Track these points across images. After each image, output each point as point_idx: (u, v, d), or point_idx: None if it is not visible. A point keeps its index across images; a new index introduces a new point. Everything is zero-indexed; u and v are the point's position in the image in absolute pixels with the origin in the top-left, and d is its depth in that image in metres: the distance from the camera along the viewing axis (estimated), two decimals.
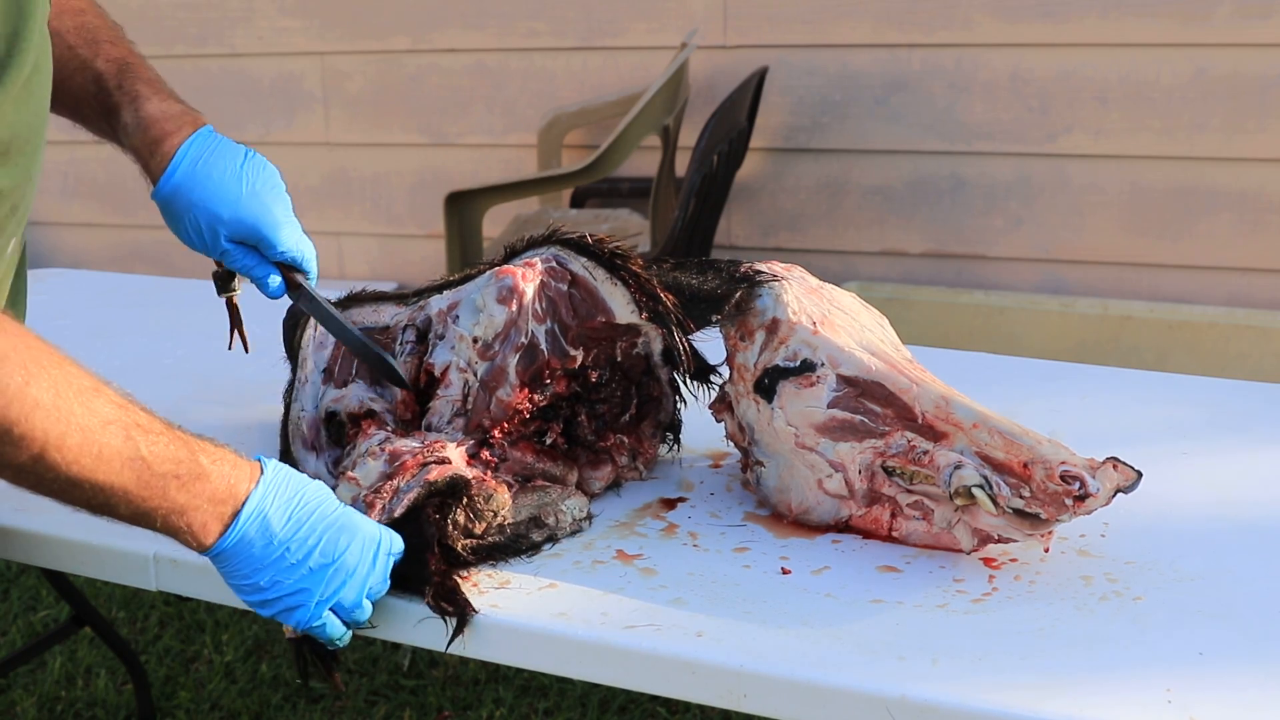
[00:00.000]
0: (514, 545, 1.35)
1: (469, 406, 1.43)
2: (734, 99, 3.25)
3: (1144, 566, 1.31)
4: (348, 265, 4.11)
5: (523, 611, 1.27)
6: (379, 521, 1.28)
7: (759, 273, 1.42)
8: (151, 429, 1.16)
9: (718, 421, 1.50)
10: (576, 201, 3.79)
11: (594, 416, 1.47)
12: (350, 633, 1.27)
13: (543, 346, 1.42)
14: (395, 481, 1.32)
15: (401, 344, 1.49)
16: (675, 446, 1.54)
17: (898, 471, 1.33)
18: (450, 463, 1.33)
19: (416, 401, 1.49)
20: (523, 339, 1.41)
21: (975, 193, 3.52)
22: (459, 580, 1.29)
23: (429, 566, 1.28)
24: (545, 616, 1.26)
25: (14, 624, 2.83)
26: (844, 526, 1.39)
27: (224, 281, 1.51)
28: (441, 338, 1.46)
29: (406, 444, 1.37)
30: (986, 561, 1.32)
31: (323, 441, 1.50)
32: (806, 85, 3.57)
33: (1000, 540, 1.30)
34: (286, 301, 1.51)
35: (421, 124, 3.97)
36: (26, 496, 1.50)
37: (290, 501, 1.22)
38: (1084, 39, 3.33)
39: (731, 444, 1.59)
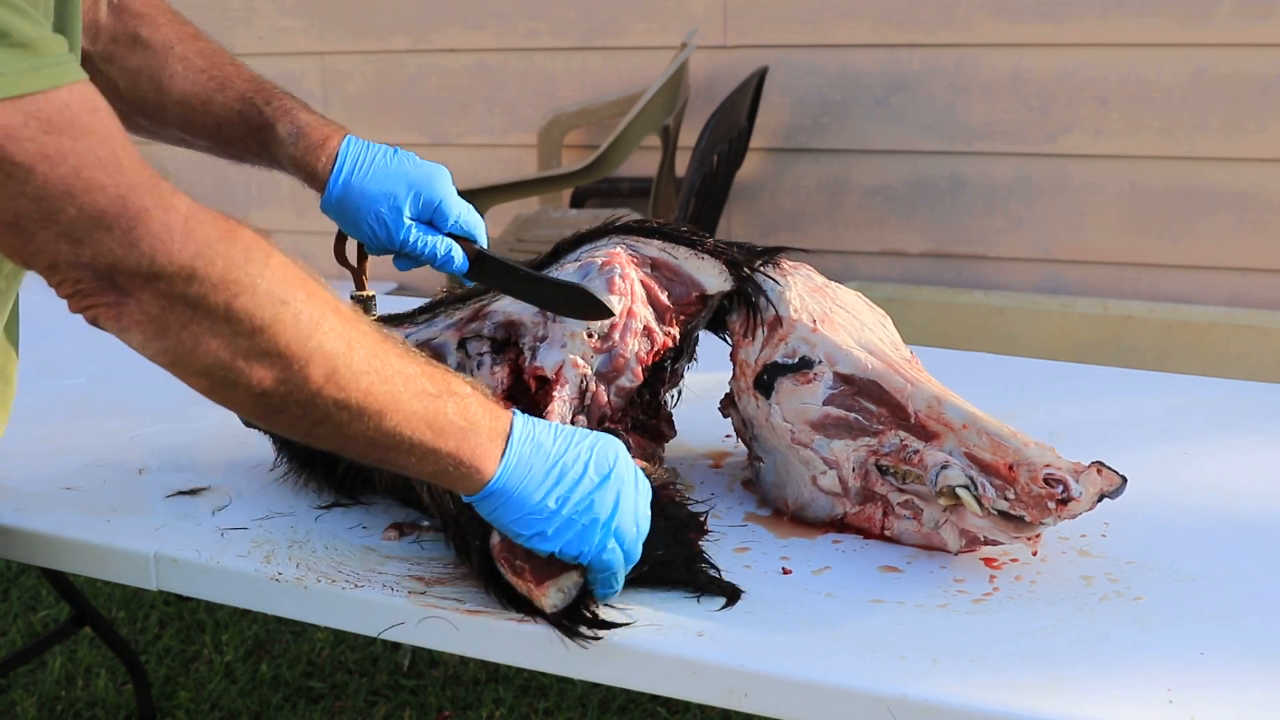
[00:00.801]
0: (697, 523, 1.35)
1: (586, 402, 1.43)
2: (734, 99, 3.25)
3: (1145, 566, 1.31)
4: None
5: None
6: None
7: (772, 249, 1.46)
8: (413, 351, 1.14)
9: (724, 417, 1.50)
10: (576, 201, 3.79)
11: (652, 395, 1.49)
12: (619, 587, 1.22)
13: (656, 328, 1.43)
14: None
15: (471, 357, 1.47)
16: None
17: (890, 470, 1.33)
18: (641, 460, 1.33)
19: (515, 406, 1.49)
20: (638, 324, 1.43)
21: (975, 193, 3.52)
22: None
23: (694, 546, 1.27)
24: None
25: (14, 624, 2.83)
26: (840, 524, 1.39)
27: (366, 308, 1.51)
28: (544, 339, 1.44)
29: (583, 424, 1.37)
30: (987, 562, 1.32)
31: None
32: (806, 85, 3.57)
33: (986, 542, 1.29)
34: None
35: (421, 124, 3.97)
36: (26, 496, 1.51)
37: (549, 426, 1.20)
38: (1084, 39, 3.33)
39: (734, 442, 1.60)
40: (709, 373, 1.54)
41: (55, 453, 1.62)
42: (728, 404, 1.49)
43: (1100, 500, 1.23)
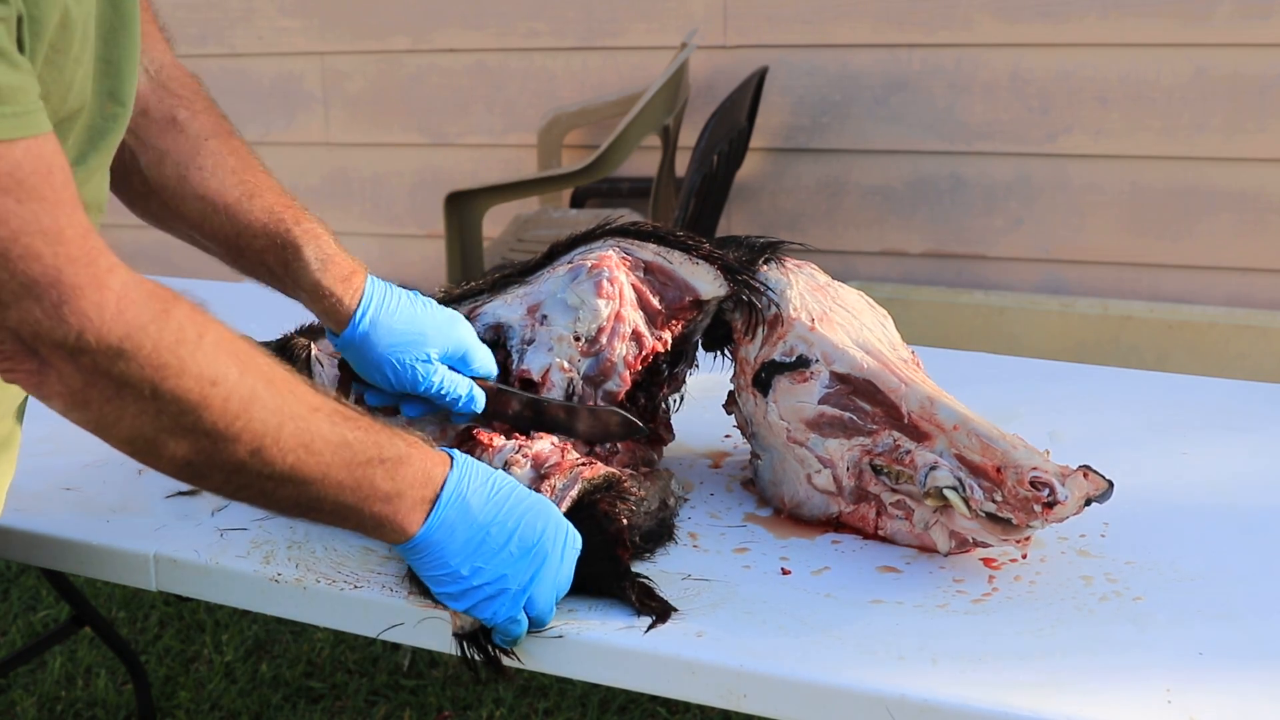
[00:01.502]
0: (661, 532, 1.35)
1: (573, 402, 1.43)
2: (734, 99, 3.25)
3: (1144, 566, 1.31)
4: None
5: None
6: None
7: (777, 242, 1.46)
8: (350, 415, 1.13)
9: (729, 414, 1.51)
10: (576, 201, 3.79)
11: (650, 399, 1.49)
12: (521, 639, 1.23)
13: (645, 333, 1.43)
14: (552, 481, 1.30)
15: None
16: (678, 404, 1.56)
17: (884, 470, 1.33)
18: (597, 465, 1.32)
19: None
20: (627, 328, 1.43)
21: (975, 193, 3.52)
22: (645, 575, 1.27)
23: (621, 563, 1.26)
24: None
25: (14, 624, 2.83)
26: (836, 523, 1.39)
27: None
28: (531, 342, 1.45)
29: (544, 448, 1.35)
30: (986, 562, 1.32)
31: None
32: (806, 85, 3.57)
33: (976, 544, 1.29)
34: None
35: (421, 124, 3.97)
36: (26, 496, 1.51)
37: (485, 485, 1.19)
38: (1084, 39, 3.33)
39: (733, 443, 1.60)
40: (708, 373, 1.54)
41: (55, 453, 1.62)
42: (731, 402, 1.50)
43: (1087, 504, 1.23)
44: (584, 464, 1.32)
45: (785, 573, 1.32)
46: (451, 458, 1.20)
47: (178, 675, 2.63)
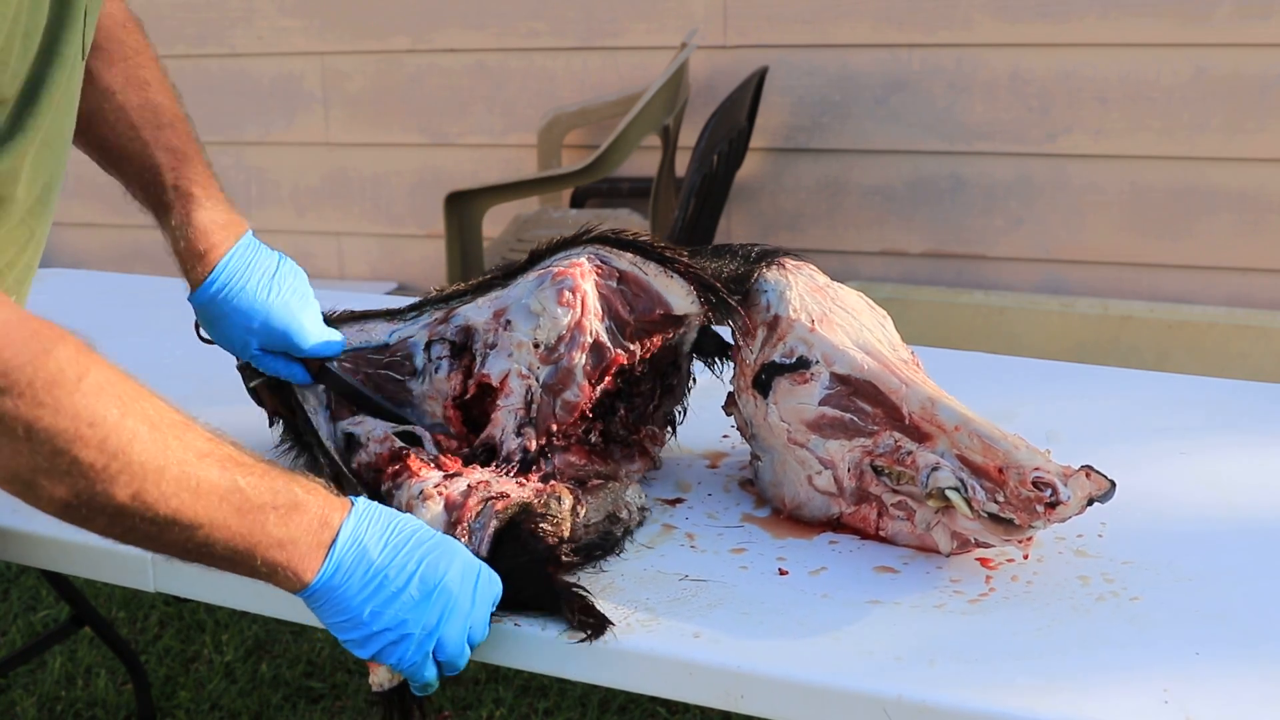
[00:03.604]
0: (605, 543, 1.34)
1: (533, 414, 1.42)
2: (734, 99, 3.25)
3: (1142, 567, 1.31)
4: (348, 265, 4.12)
5: (522, 613, 1.27)
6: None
7: (773, 250, 1.45)
8: (244, 461, 1.13)
9: (728, 416, 1.50)
10: (576, 201, 3.79)
11: (630, 410, 1.47)
12: (436, 679, 1.22)
13: (607, 344, 1.41)
14: (466, 524, 1.28)
15: (432, 360, 1.47)
16: (673, 435, 1.54)
17: (885, 471, 1.33)
18: (509, 495, 1.30)
19: (466, 418, 1.47)
20: (587, 338, 1.41)
21: (975, 193, 3.52)
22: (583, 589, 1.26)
23: (553, 581, 1.25)
24: (544, 617, 1.26)
25: (14, 624, 2.84)
26: (837, 524, 1.39)
27: (250, 373, 1.53)
28: (494, 346, 1.43)
29: (458, 487, 1.33)
30: (983, 562, 1.32)
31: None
32: (806, 85, 3.57)
33: (978, 544, 1.29)
34: None
35: (421, 124, 3.97)
36: None
37: (386, 528, 1.18)
38: (1084, 39, 3.33)
39: (731, 443, 1.60)
40: (706, 374, 1.54)
41: None
42: (730, 403, 1.49)
43: (1089, 504, 1.23)
44: (494, 497, 1.29)
45: (783, 573, 1.32)
46: (353, 503, 1.18)
47: (178, 675, 2.63)
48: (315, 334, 1.49)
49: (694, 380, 1.52)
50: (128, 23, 1.50)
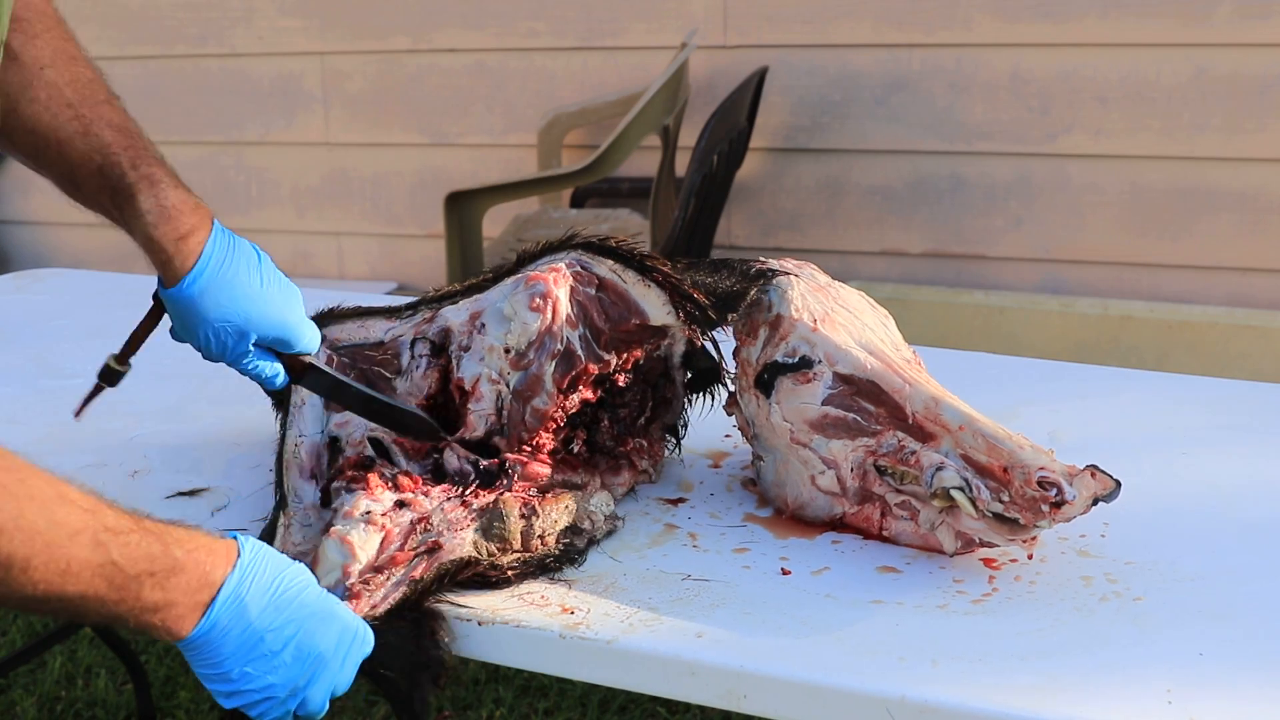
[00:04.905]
0: (565, 554, 1.33)
1: (504, 420, 1.41)
2: (734, 99, 3.25)
3: (1144, 567, 1.31)
4: (347, 265, 4.12)
5: (522, 613, 1.27)
6: (362, 615, 1.24)
7: (772, 270, 1.43)
8: (120, 529, 1.10)
9: (728, 415, 1.50)
10: (576, 201, 3.79)
11: (615, 421, 1.45)
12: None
13: (579, 352, 1.39)
14: (384, 575, 1.28)
15: (414, 359, 1.46)
16: (678, 448, 1.54)
17: (888, 471, 1.33)
18: (442, 548, 1.29)
19: (440, 418, 1.45)
20: (558, 345, 1.39)
21: (975, 193, 3.52)
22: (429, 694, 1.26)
23: (418, 692, 1.25)
24: (544, 617, 1.26)
25: (14, 624, 2.83)
26: (839, 524, 1.39)
27: (114, 377, 1.43)
28: (467, 349, 1.42)
29: (402, 522, 1.32)
30: (986, 562, 1.32)
31: (323, 468, 1.44)
32: (806, 85, 3.57)
33: (982, 544, 1.29)
34: None
35: (421, 124, 3.97)
36: None
37: (269, 587, 1.17)
38: (1084, 39, 3.33)
39: (733, 443, 1.60)
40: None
41: (55, 453, 1.62)
42: (732, 403, 1.49)
43: (1094, 504, 1.23)
44: (426, 555, 1.29)
45: (785, 573, 1.32)
46: (240, 552, 1.17)
47: (178, 675, 2.63)
48: (308, 332, 1.42)
49: (689, 401, 1.50)
50: None
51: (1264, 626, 1.21)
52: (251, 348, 1.38)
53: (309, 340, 1.42)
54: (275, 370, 1.41)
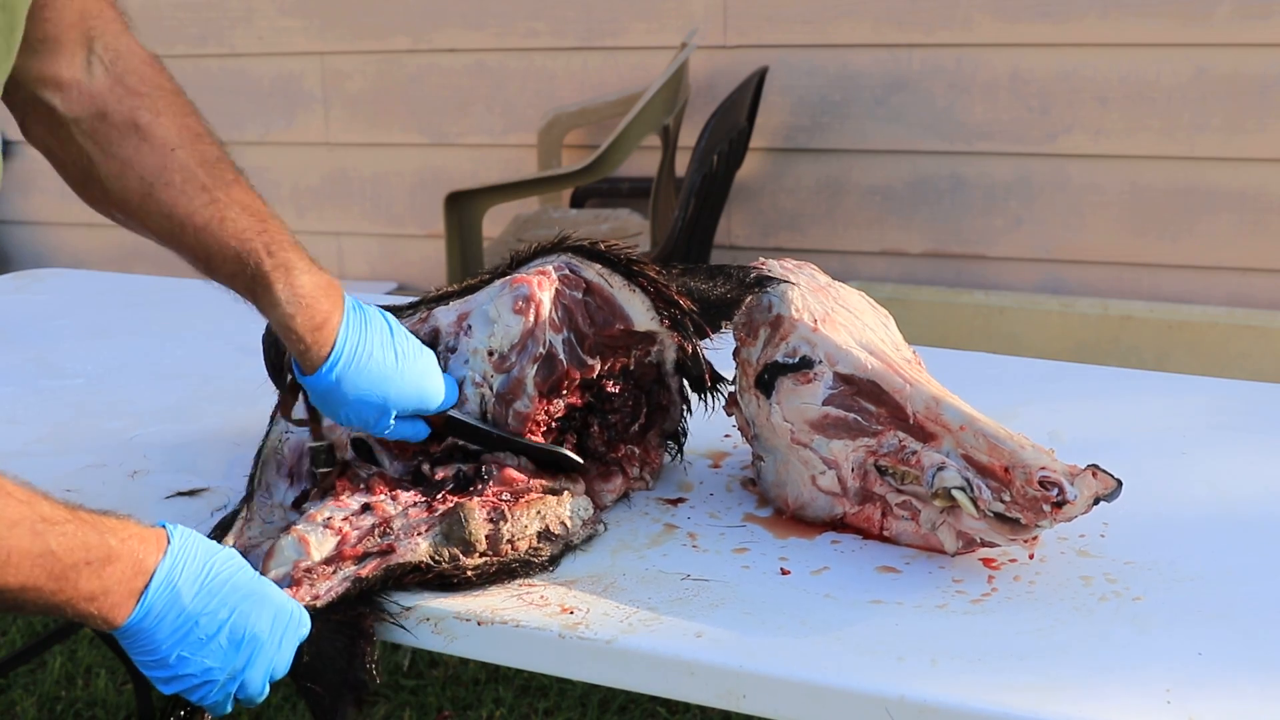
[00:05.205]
0: (533, 560, 1.32)
1: (488, 422, 1.41)
2: (734, 99, 3.26)
3: (1144, 567, 1.31)
4: (348, 265, 4.12)
5: (521, 613, 1.27)
6: (303, 602, 1.25)
7: (769, 277, 1.42)
8: (56, 519, 1.12)
9: (728, 416, 1.50)
10: (576, 201, 3.79)
11: (606, 427, 1.45)
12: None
13: (561, 356, 1.38)
14: (331, 567, 1.28)
15: None
16: (679, 455, 1.53)
17: (889, 471, 1.33)
18: (395, 551, 1.29)
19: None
20: (540, 349, 1.38)
21: (975, 193, 3.52)
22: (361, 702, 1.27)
23: (346, 696, 1.26)
24: (543, 617, 1.26)
25: (14, 624, 2.83)
26: (840, 524, 1.39)
27: (328, 457, 1.43)
28: (453, 351, 1.42)
29: (364, 524, 1.32)
30: (986, 562, 1.32)
31: (303, 470, 1.44)
32: (806, 85, 3.57)
33: (983, 544, 1.29)
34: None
35: (421, 124, 3.97)
36: None
37: (200, 572, 1.18)
38: (1084, 39, 3.34)
39: (733, 443, 1.60)
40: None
41: (55, 453, 1.62)
42: (732, 403, 1.49)
43: (1096, 504, 1.23)
44: (377, 556, 1.28)
45: (785, 573, 1.32)
46: (169, 540, 1.18)
47: None
48: (445, 388, 1.40)
49: (689, 410, 1.50)
50: (153, 60, 1.32)
51: (1264, 626, 1.21)
52: (393, 421, 1.38)
53: (446, 400, 1.41)
54: (416, 431, 1.41)
